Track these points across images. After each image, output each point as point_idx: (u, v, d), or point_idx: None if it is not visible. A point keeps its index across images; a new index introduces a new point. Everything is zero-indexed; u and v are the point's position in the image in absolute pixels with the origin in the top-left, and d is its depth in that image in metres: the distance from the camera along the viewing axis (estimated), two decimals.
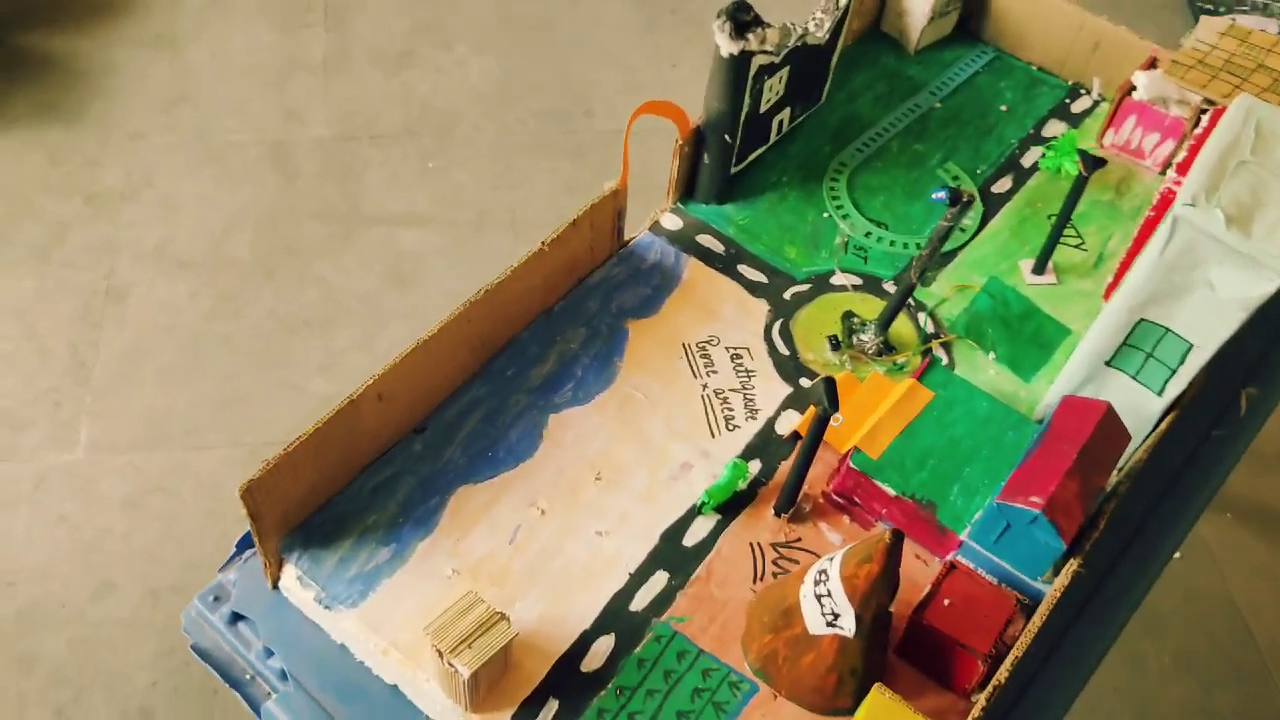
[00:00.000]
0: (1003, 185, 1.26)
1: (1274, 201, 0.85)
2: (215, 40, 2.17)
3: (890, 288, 1.15)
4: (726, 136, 1.15)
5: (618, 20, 2.28)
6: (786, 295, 1.14)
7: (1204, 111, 1.15)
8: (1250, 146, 0.87)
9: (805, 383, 1.07)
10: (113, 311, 1.74)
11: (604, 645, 0.90)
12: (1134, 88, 1.25)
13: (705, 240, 1.18)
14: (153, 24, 2.18)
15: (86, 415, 1.63)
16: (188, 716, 1.38)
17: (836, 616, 0.82)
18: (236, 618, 0.96)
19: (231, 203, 1.90)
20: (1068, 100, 1.36)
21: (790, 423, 1.04)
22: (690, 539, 0.96)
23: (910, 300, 1.14)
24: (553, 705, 0.87)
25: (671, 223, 1.19)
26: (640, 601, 0.93)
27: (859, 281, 1.16)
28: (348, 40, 2.20)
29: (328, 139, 2.02)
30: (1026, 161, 1.29)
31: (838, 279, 1.16)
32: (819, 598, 0.83)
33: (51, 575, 1.47)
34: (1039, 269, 1.17)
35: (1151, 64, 1.26)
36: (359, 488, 0.97)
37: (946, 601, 0.89)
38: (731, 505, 0.98)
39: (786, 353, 1.09)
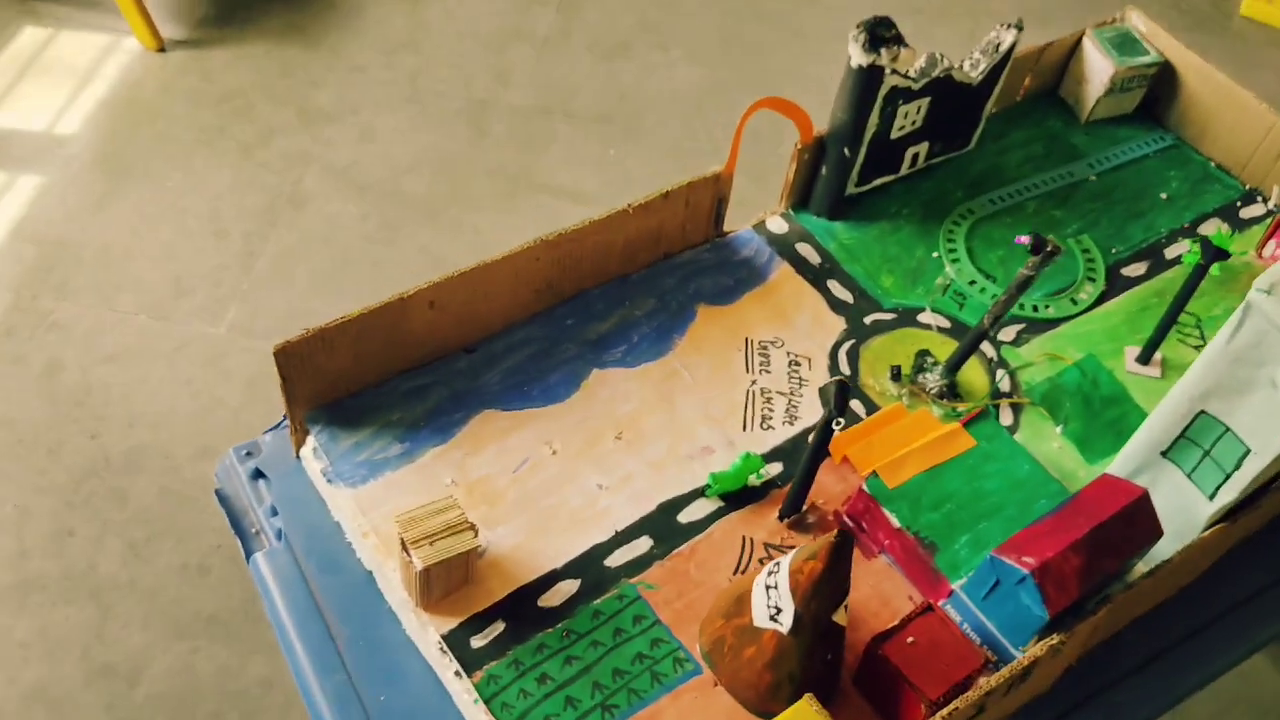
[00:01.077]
0: (1135, 269, 1.20)
1: None
2: (454, 2, 2.32)
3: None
4: (846, 150, 1.14)
5: (836, 56, 2.28)
6: (867, 320, 1.12)
7: None
8: None
9: (856, 405, 1.05)
10: (289, 215, 1.89)
11: (567, 588, 0.91)
12: None
13: (803, 249, 1.17)
14: None
15: (238, 299, 1.77)
16: (236, 582, 1.48)
17: (779, 611, 0.80)
18: (259, 474, 1.03)
19: (420, 144, 2.03)
20: (1239, 203, 1.27)
21: None
22: (686, 516, 0.96)
23: (992, 355, 1.10)
24: (499, 626, 0.88)
25: (777, 226, 1.20)
26: (617, 559, 0.93)
27: (947, 325, 1.12)
28: (572, 24, 2.30)
29: (524, 107, 2.12)
30: (1171, 253, 1.22)
31: (925, 317, 1.13)
32: (768, 589, 0.81)
33: (164, 428, 1.61)
34: (1144, 358, 1.11)
35: None
36: (394, 387, 1.02)
37: (911, 639, 0.85)
38: (739, 498, 0.98)
39: (848, 372, 1.08)
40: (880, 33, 1.06)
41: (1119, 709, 0.95)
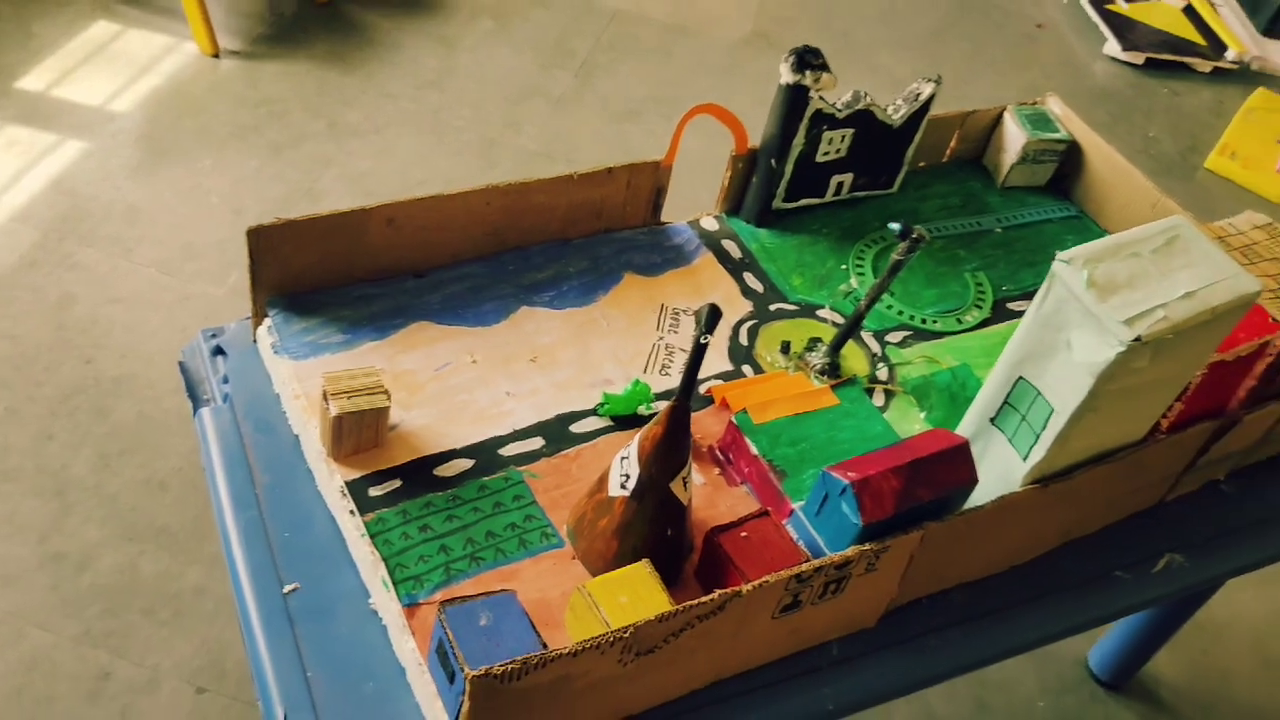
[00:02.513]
0: (1020, 305, 1.34)
1: (1145, 289, 0.92)
2: (485, 54, 2.56)
3: (869, 338, 1.26)
4: (773, 162, 1.31)
5: None
6: (771, 307, 1.27)
7: None
8: (1153, 249, 0.95)
9: (747, 369, 1.20)
10: (302, 206, 2.08)
11: (461, 464, 1.05)
12: None
13: (728, 245, 1.33)
14: (445, 27, 2.60)
15: (241, 267, 1.94)
16: (190, 501, 1.61)
17: (628, 478, 0.93)
18: (219, 351, 1.18)
19: (431, 166, 2.23)
20: None
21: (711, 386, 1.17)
22: (578, 428, 1.10)
23: (877, 350, 1.24)
24: (396, 483, 1.02)
25: (709, 224, 1.36)
26: (510, 450, 1.07)
27: (841, 321, 1.27)
28: (587, 88, 2.53)
29: (531, 150, 2.33)
30: None
31: (823, 313, 1.28)
32: (622, 459, 0.95)
33: (154, 364, 1.77)
34: None
35: None
36: (348, 292, 1.17)
37: (744, 534, 0.98)
38: (628, 422, 1.11)
39: (745, 344, 1.22)
40: (808, 58, 1.24)
41: (933, 653, 1.06)
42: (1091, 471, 1.05)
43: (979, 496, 1.01)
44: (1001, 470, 1.05)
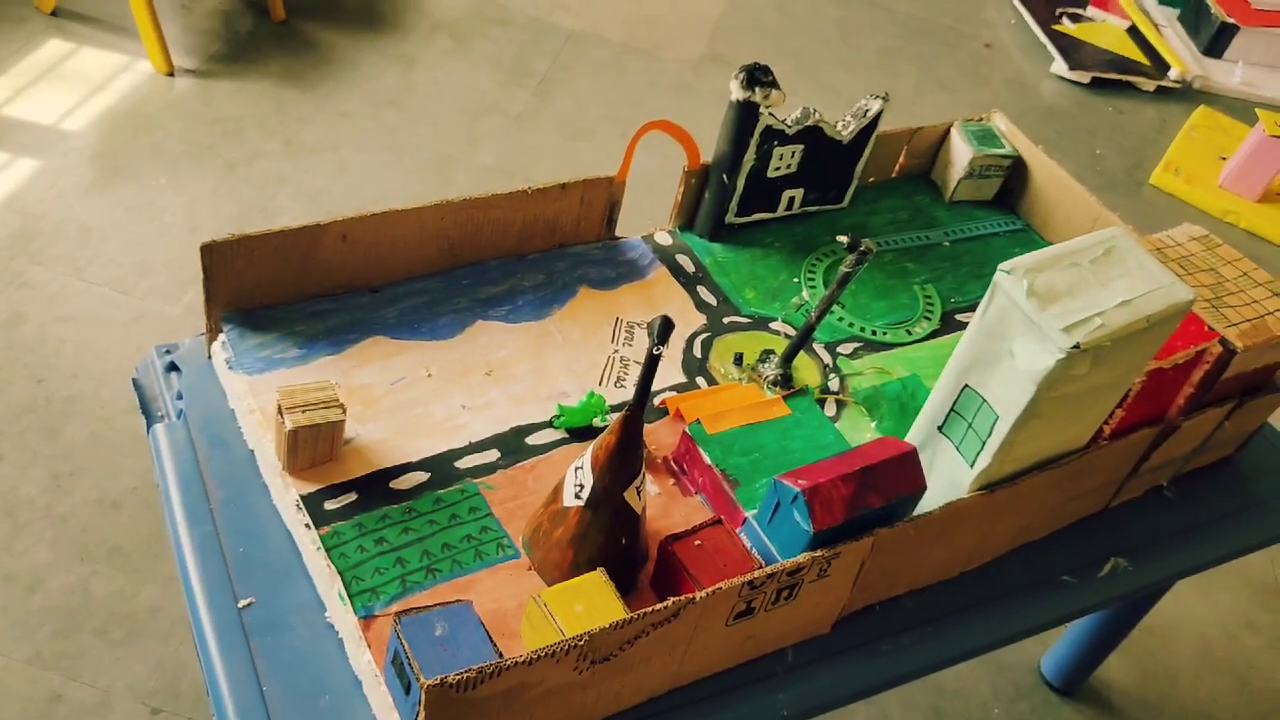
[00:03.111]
0: (968, 317, 1.37)
1: (1083, 298, 0.94)
2: (443, 72, 2.58)
3: (821, 349, 1.28)
4: (725, 176, 1.33)
5: None
6: (725, 320, 1.29)
7: None
8: (1091, 259, 0.98)
9: (700, 380, 1.21)
10: (258, 223, 2.07)
11: (417, 478, 1.05)
12: None
13: (681, 259, 1.35)
14: (403, 45, 2.61)
15: (196, 285, 1.93)
16: (144, 523, 1.59)
17: (582, 488, 0.94)
18: (173, 367, 1.17)
19: (389, 184, 2.23)
20: None
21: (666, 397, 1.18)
22: (534, 440, 1.11)
23: (829, 361, 1.26)
24: (351, 496, 1.02)
25: (663, 239, 1.38)
26: (466, 463, 1.07)
27: (793, 334, 1.29)
28: (545, 106, 2.55)
29: (489, 167, 2.34)
30: None
31: (776, 325, 1.30)
32: (576, 469, 0.96)
33: (105, 383, 1.75)
34: None
35: None
36: (303, 308, 1.17)
37: (698, 542, 0.99)
38: (583, 434, 1.13)
39: (699, 357, 1.24)
40: (758, 75, 1.26)
41: (887, 658, 1.08)
42: (1037, 477, 1.07)
43: (928, 503, 1.03)
44: (950, 477, 1.07)
